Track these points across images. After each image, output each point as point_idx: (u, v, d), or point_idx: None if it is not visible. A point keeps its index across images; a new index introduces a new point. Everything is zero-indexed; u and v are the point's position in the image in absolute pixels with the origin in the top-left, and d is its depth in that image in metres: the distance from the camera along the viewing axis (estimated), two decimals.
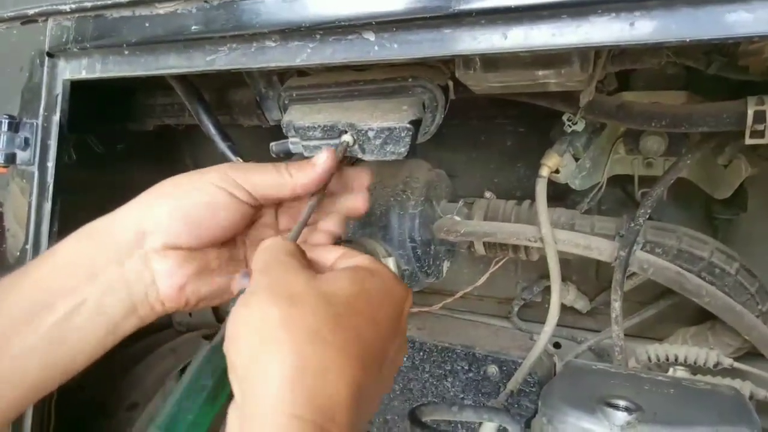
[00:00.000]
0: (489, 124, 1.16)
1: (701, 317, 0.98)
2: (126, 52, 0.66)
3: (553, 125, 0.88)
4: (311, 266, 0.47)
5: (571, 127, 0.74)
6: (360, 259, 0.49)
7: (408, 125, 0.60)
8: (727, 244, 0.87)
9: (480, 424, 0.74)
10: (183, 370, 1.33)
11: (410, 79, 0.63)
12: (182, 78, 0.79)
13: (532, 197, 0.87)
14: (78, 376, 0.52)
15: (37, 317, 0.48)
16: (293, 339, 0.38)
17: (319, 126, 0.62)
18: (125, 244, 0.50)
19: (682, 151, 0.83)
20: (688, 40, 0.40)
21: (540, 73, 0.56)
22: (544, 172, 0.79)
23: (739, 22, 0.40)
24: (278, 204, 0.59)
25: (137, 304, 0.51)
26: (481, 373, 1.05)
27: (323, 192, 0.56)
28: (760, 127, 0.58)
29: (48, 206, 0.71)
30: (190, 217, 0.51)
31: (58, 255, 0.51)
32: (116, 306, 0.50)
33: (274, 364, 0.37)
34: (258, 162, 0.56)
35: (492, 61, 0.57)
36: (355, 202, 0.59)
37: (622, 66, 0.68)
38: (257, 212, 0.57)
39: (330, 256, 0.51)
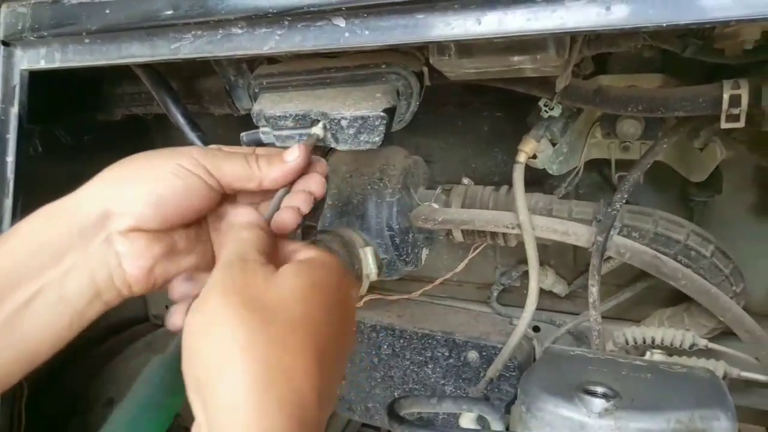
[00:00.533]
0: (465, 110, 1.15)
1: (677, 299, 0.99)
2: (86, 41, 0.63)
3: (529, 110, 0.87)
4: (273, 257, 0.46)
5: (548, 112, 0.73)
6: (312, 253, 0.48)
7: (382, 113, 0.58)
8: (703, 225, 0.88)
9: (460, 413, 0.74)
10: None
11: (383, 66, 0.61)
12: (148, 66, 0.76)
13: (510, 182, 0.86)
14: (51, 373, 0.52)
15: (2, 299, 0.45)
16: (256, 348, 0.37)
17: (290, 115, 0.60)
18: (89, 225, 0.48)
19: (659, 135, 0.83)
20: (664, 24, 0.39)
21: (515, 58, 0.55)
22: (522, 158, 0.78)
23: (715, 7, 0.39)
24: None
25: (102, 289, 0.49)
26: (462, 359, 1.06)
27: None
28: (736, 111, 0.58)
29: (9, 202, 0.68)
30: (161, 201, 0.49)
31: (18, 236, 0.48)
32: (79, 290, 0.48)
33: (240, 377, 0.36)
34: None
35: (466, 47, 0.56)
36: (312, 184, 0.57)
37: (599, 50, 0.67)
38: (225, 196, 0.55)
39: (287, 249, 0.50)
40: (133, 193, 0.49)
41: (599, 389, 0.60)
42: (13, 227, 0.49)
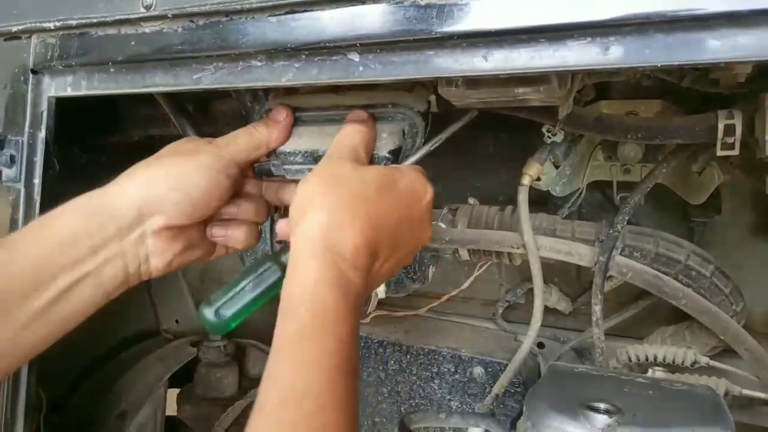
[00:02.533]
0: (471, 131, 1.17)
1: (679, 316, 1.01)
2: (112, 70, 0.67)
3: (533, 132, 0.90)
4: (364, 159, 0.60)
5: (550, 138, 0.76)
6: (404, 165, 0.63)
7: (387, 155, 0.62)
8: (703, 245, 0.90)
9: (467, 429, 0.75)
10: (172, 378, 1.34)
11: (390, 106, 0.64)
12: (167, 93, 0.79)
13: (515, 202, 0.88)
14: (66, 387, 0.57)
15: (37, 291, 0.51)
16: (329, 204, 0.51)
17: (299, 152, 0.64)
18: (126, 224, 0.55)
19: (659, 158, 0.85)
20: (659, 65, 0.42)
21: (519, 90, 0.57)
22: (526, 180, 0.81)
23: (708, 49, 0.42)
24: None
25: (130, 276, 0.57)
26: (468, 374, 1.07)
27: None
28: (731, 140, 0.61)
29: None
30: (190, 202, 0.57)
31: (56, 231, 0.53)
32: (113, 278, 0.55)
33: (313, 216, 0.51)
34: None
35: (473, 80, 0.58)
36: None
37: (600, 79, 0.70)
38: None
39: None
40: (165, 194, 0.56)
41: (602, 406, 0.62)
42: (40, 220, 0.55)
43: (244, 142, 0.63)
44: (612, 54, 0.45)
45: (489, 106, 0.64)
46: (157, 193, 0.56)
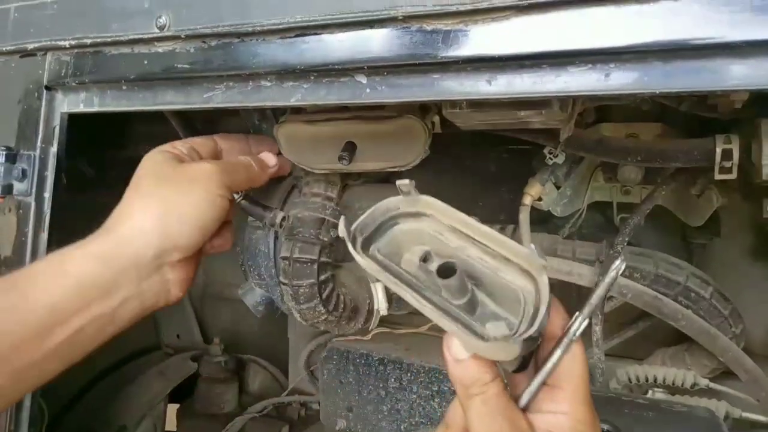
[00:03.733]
0: (474, 150, 1.19)
1: (679, 338, 1.01)
2: (124, 88, 0.68)
3: (534, 151, 0.91)
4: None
5: (552, 159, 0.77)
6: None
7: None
8: (702, 267, 0.91)
9: None
10: (172, 393, 1.33)
11: None
12: (180, 113, 0.81)
13: (516, 220, 0.89)
14: (68, 400, 0.56)
15: (50, 333, 0.51)
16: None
17: None
18: (145, 264, 0.55)
19: (658, 180, 0.87)
20: (657, 92, 0.44)
21: (522, 113, 0.59)
22: (527, 200, 0.82)
23: (704, 77, 0.43)
24: None
25: (146, 309, 0.57)
26: None
27: None
28: (728, 164, 0.62)
29: (44, 236, 0.73)
30: (204, 232, 0.59)
31: (70, 276, 0.53)
32: (129, 315, 0.56)
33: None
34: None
35: (477, 103, 0.60)
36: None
37: (600, 102, 0.71)
38: None
39: None
40: (180, 228, 0.57)
41: (604, 426, 0.62)
42: (53, 261, 0.54)
43: (244, 177, 0.67)
44: (612, 80, 0.46)
45: (492, 128, 0.65)
46: (172, 229, 0.56)
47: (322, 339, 1.35)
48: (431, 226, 0.55)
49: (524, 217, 0.82)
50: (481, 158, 1.18)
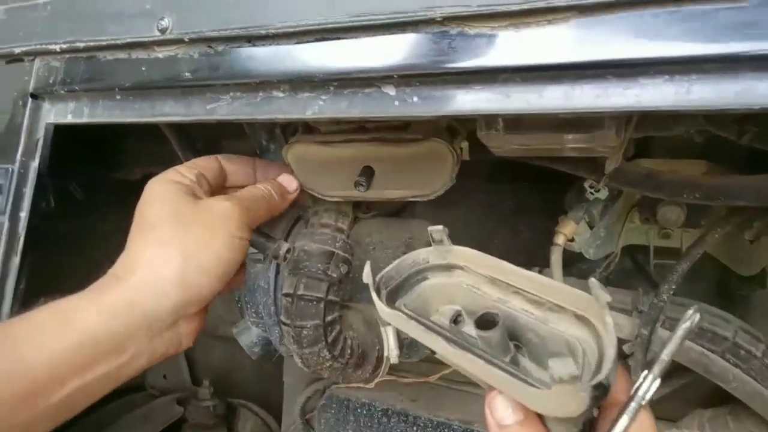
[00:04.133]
0: (490, 183, 1.12)
1: (717, 398, 0.92)
2: (118, 97, 0.61)
3: (558, 186, 0.84)
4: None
5: (593, 194, 0.69)
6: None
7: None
8: (744, 320, 0.83)
9: None
10: None
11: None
12: (176, 126, 0.74)
13: (536, 263, 0.82)
14: None
15: (42, 393, 0.45)
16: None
17: None
18: (160, 322, 0.51)
19: (702, 223, 0.79)
20: (757, 107, 0.36)
21: (569, 137, 0.51)
22: (560, 240, 0.74)
23: None
24: None
25: (153, 363, 0.53)
26: None
27: None
28: None
29: (16, 260, 0.64)
30: (225, 278, 0.55)
31: (74, 330, 0.47)
32: (133, 371, 0.51)
33: None
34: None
35: (516, 123, 0.53)
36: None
37: (646, 133, 0.64)
38: None
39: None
40: (200, 280, 0.52)
41: None
42: (53, 310, 0.48)
43: (264, 211, 0.62)
44: (695, 94, 0.39)
45: (530, 155, 0.58)
46: (193, 283, 0.52)
47: (320, 384, 1.27)
48: (465, 279, 0.50)
49: (556, 258, 0.74)
50: (498, 192, 1.11)
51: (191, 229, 0.53)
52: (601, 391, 0.36)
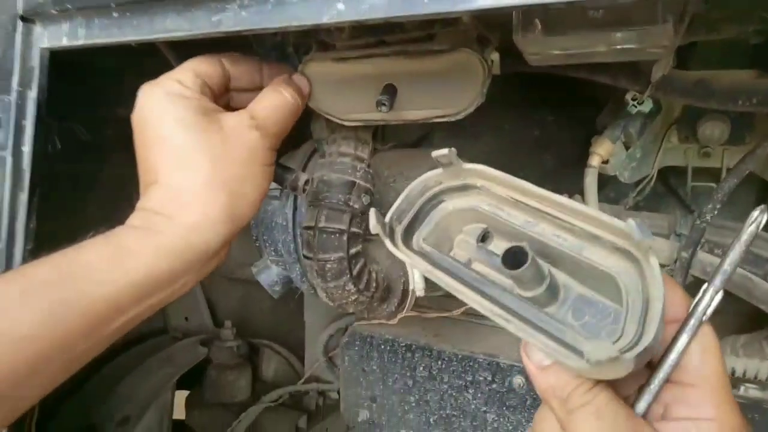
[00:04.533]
0: (513, 112, 1.06)
1: (749, 324, 0.89)
2: (115, 14, 0.56)
3: (584, 113, 0.78)
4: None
5: (636, 107, 0.64)
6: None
7: None
8: None
9: None
10: (180, 381, 1.24)
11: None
12: (180, 48, 0.68)
13: (563, 191, 0.77)
14: (61, 388, 0.50)
15: (107, 323, 0.48)
16: None
17: None
18: (212, 255, 0.53)
19: (746, 139, 0.73)
20: None
21: (617, 35, 0.46)
22: (595, 161, 0.69)
23: None
24: None
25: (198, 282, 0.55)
26: (506, 384, 0.97)
27: None
28: None
29: (24, 197, 0.61)
30: (251, 216, 0.55)
31: (134, 271, 0.49)
32: (179, 295, 0.53)
33: None
34: None
35: (557, 20, 0.47)
36: None
37: (695, 37, 0.58)
38: None
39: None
40: (243, 212, 0.54)
41: None
42: (103, 250, 0.49)
43: (290, 122, 0.59)
44: None
45: (570, 62, 0.52)
46: (238, 215, 0.53)
47: (342, 322, 1.26)
48: (485, 200, 0.45)
49: (591, 180, 0.69)
50: (522, 121, 1.06)
51: (228, 166, 0.53)
52: (646, 354, 0.33)
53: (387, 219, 0.44)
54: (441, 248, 0.45)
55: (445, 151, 0.44)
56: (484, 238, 0.44)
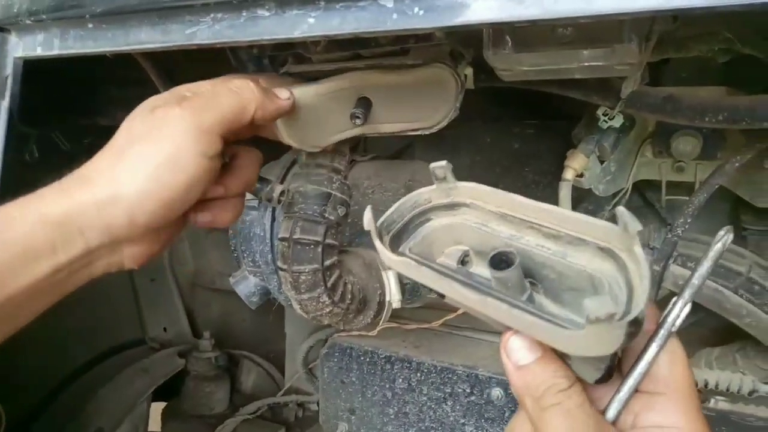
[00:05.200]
0: (494, 125, 1.07)
1: (723, 336, 0.90)
2: (90, 25, 0.56)
3: (563, 127, 0.79)
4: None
5: (607, 122, 0.65)
6: None
7: None
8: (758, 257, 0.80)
9: None
10: (157, 392, 1.22)
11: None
12: (157, 60, 0.68)
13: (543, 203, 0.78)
14: (37, 402, 0.47)
15: (23, 270, 0.44)
16: None
17: None
18: (96, 239, 0.46)
19: (718, 154, 0.75)
20: None
21: (585, 53, 0.47)
22: (569, 174, 0.70)
23: None
24: None
25: (96, 276, 0.49)
26: (485, 396, 0.97)
27: None
28: None
29: None
30: (170, 203, 0.47)
31: (16, 240, 0.44)
32: (76, 283, 0.48)
33: None
34: None
35: (526, 38, 0.48)
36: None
37: (664, 54, 0.59)
38: None
39: None
40: (139, 202, 0.46)
41: None
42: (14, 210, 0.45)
43: (228, 106, 0.49)
44: None
45: (541, 78, 0.53)
46: (128, 202, 0.46)
47: (322, 334, 1.26)
48: (472, 218, 0.46)
49: (565, 194, 0.70)
50: (503, 135, 1.07)
51: (136, 140, 0.48)
52: (636, 327, 0.33)
53: (377, 224, 0.45)
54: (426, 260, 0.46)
55: (443, 162, 0.44)
56: (464, 261, 0.45)
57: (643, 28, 0.45)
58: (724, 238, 0.38)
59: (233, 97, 0.49)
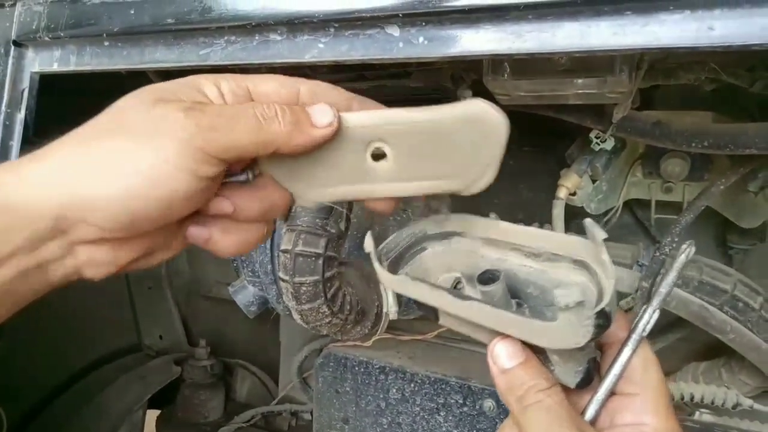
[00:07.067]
0: None
1: (710, 352, 0.93)
2: (106, 43, 0.58)
3: (558, 145, 0.82)
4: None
5: (599, 145, 0.68)
6: None
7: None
8: (743, 274, 0.83)
9: None
10: (152, 399, 1.23)
11: None
12: (168, 75, 0.71)
13: (535, 220, 0.81)
14: (33, 408, 0.45)
15: None
16: None
17: None
18: (41, 232, 0.37)
19: (704, 177, 0.78)
20: None
21: (579, 81, 0.50)
22: (562, 193, 0.73)
23: None
24: None
25: (56, 284, 0.40)
26: (477, 407, 0.98)
27: None
28: None
29: None
30: (134, 215, 0.38)
31: None
32: (30, 291, 0.39)
33: None
34: None
35: (524, 67, 0.51)
36: None
37: (654, 81, 0.62)
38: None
39: None
40: (94, 203, 0.37)
41: None
42: None
43: (246, 135, 0.39)
44: (718, 31, 0.37)
45: (537, 103, 0.56)
46: (83, 198, 0.37)
47: (317, 344, 1.27)
48: (463, 245, 0.50)
49: (558, 212, 0.73)
50: None
51: (113, 130, 0.39)
52: (604, 320, 0.37)
53: (377, 250, 0.47)
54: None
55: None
56: (456, 286, 0.48)
57: (633, 60, 0.48)
58: (687, 250, 0.41)
59: (254, 126, 0.39)
